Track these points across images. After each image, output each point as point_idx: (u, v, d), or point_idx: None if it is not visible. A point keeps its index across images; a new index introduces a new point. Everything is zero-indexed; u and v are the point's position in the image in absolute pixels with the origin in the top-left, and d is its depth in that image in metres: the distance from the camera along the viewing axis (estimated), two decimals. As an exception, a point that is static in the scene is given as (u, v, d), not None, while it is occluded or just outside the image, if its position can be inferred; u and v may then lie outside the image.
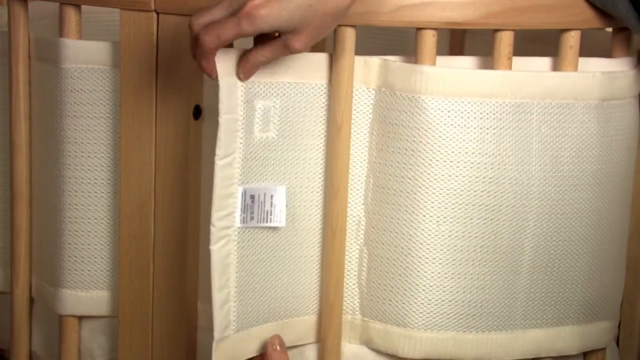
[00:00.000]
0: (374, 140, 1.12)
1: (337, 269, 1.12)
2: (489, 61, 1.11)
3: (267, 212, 1.09)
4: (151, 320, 1.20)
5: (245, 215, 1.08)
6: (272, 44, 1.03)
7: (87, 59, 1.19)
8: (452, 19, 1.08)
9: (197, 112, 1.15)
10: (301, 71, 1.09)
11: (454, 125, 1.09)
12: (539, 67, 1.13)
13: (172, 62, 1.14)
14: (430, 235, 1.11)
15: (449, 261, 1.11)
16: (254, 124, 1.07)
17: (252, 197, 1.08)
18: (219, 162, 1.05)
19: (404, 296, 1.12)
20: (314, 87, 1.10)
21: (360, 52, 1.10)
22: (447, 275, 1.11)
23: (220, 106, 1.04)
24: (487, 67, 1.11)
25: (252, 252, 1.09)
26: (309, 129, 1.11)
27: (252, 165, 1.08)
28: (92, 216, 1.23)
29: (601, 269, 1.17)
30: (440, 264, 1.11)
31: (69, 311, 1.25)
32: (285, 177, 1.10)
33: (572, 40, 1.11)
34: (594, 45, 1.21)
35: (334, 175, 1.11)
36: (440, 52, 1.11)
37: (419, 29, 1.08)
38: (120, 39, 1.16)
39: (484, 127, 1.09)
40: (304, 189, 1.11)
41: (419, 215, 1.10)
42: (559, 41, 1.12)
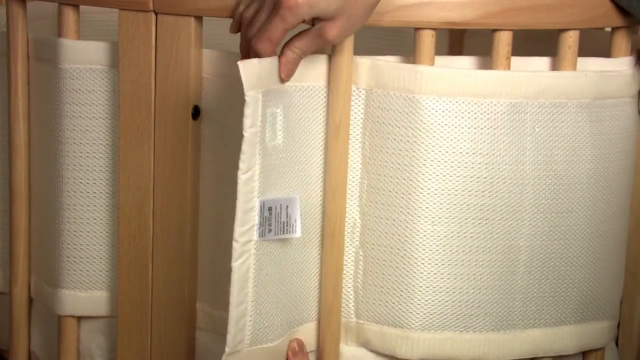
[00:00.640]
0: (367, 141, 1.11)
1: (335, 271, 1.12)
2: (488, 61, 1.11)
3: (284, 223, 1.06)
4: (150, 320, 1.20)
5: (263, 228, 1.05)
6: (306, 35, 1.02)
7: (85, 59, 1.19)
8: (450, 19, 1.08)
9: (195, 113, 1.15)
10: (301, 74, 1.08)
11: (448, 125, 1.09)
12: (537, 67, 1.13)
13: (171, 62, 1.14)
14: (426, 235, 1.10)
15: (445, 261, 1.11)
16: (266, 134, 1.05)
17: (269, 209, 1.05)
18: (242, 177, 1.02)
19: (401, 297, 1.12)
20: (313, 90, 1.10)
21: (358, 52, 1.10)
22: (444, 275, 1.11)
23: (245, 120, 1.01)
24: (486, 67, 1.11)
25: (265, 264, 1.07)
26: (309, 132, 1.10)
27: (267, 176, 1.05)
28: (91, 216, 1.23)
29: (598, 268, 1.17)
30: (436, 264, 1.11)
31: (67, 311, 1.25)
32: (291, 184, 1.08)
33: (570, 40, 1.11)
34: (594, 45, 1.21)
35: (332, 176, 1.11)
36: (439, 52, 1.11)
37: (417, 29, 1.08)
38: (118, 39, 1.16)
39: (478, 126, 1.09)
40: (306, 193, 1.10)
41: (414, 216, 1.10)
42: (558, 41, 1.12)
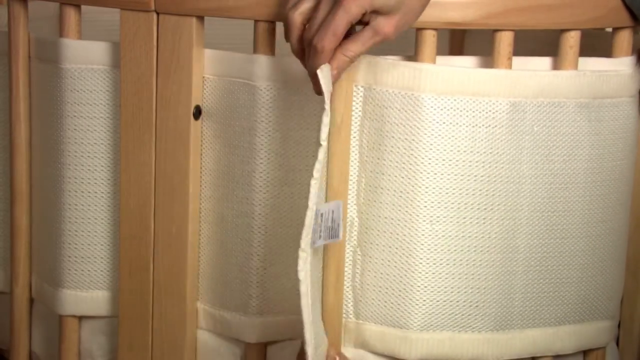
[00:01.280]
0: (365, 138, 1.11)
1: (336, 270, 1.12)
2: (489, 61, 1.11)
3: (329, 228, 1.05)
4: (151, 320, 1.20)
5: (316, 234, 1.03)
6: (360, 36, 1.00)
7: (87, 59, 1.19)
8: (452, 19, 1.08)
9: (197, 113, 1.15)
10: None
11: (447, 123, 1.09)
12: (538, 66, 1.13)
13: (172, 62, 1.14)
14: (425, 235, 1.10)
15: (444, 261, 1.11)
16: (320, 137, 1.02)
17: (321, 215, 1.03)
18: (316, 185, 1.00)
19: (400, 297, 1.12)
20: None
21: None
22: (443, 275, 1.11)
23: (323, 129, 0.99)
24: (487, 67, 1.11)
25: (313, 271, 1.05)
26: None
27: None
28: (92, 216, 1.23)
29: (597, 267, 1.17)
30: (435, 264, 1.11)
31: (68, 311, 1.25)
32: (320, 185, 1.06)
33: (572, 40, 1.11)
34: (594, 45, 1.21)
35: (334, 175, 1.10)
36: (440, 52, 1.11)
37: (419, 29, 1.08)
38: (120, 39, 1.16)
39: (477, 125, 1.09)
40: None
41: (413, 214, 1.10)
42: (559, 41, 1.12)
